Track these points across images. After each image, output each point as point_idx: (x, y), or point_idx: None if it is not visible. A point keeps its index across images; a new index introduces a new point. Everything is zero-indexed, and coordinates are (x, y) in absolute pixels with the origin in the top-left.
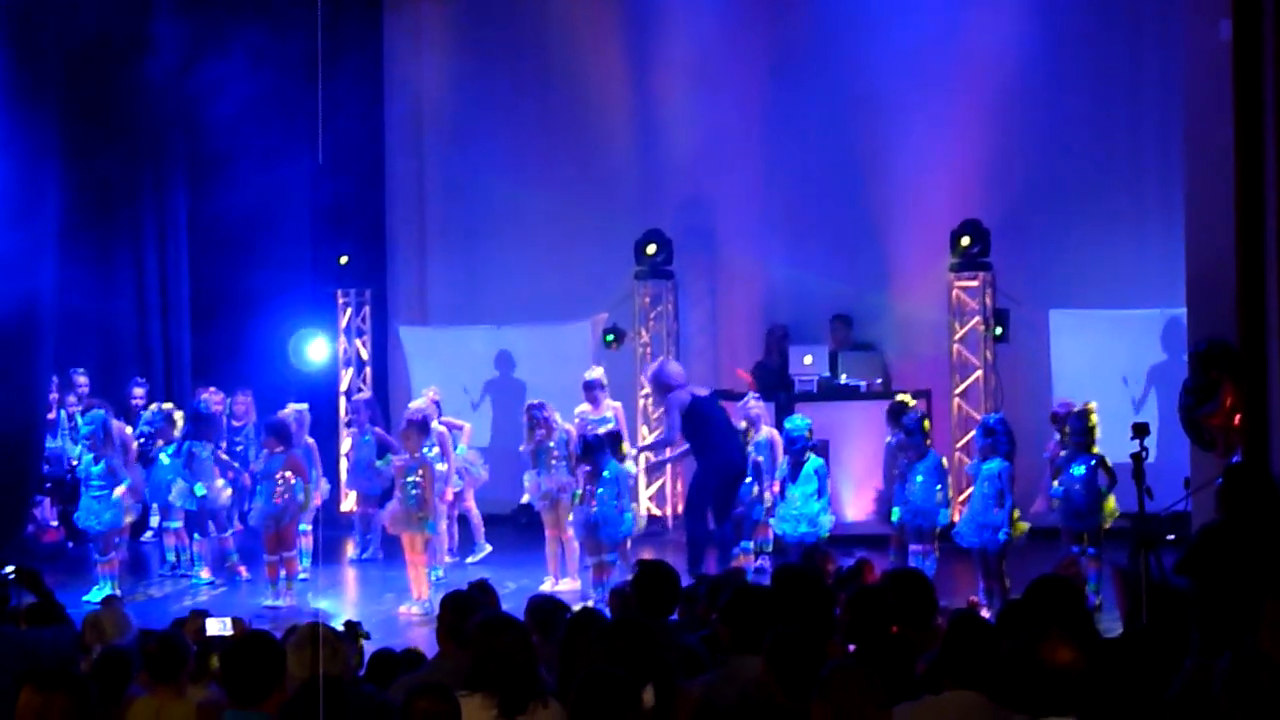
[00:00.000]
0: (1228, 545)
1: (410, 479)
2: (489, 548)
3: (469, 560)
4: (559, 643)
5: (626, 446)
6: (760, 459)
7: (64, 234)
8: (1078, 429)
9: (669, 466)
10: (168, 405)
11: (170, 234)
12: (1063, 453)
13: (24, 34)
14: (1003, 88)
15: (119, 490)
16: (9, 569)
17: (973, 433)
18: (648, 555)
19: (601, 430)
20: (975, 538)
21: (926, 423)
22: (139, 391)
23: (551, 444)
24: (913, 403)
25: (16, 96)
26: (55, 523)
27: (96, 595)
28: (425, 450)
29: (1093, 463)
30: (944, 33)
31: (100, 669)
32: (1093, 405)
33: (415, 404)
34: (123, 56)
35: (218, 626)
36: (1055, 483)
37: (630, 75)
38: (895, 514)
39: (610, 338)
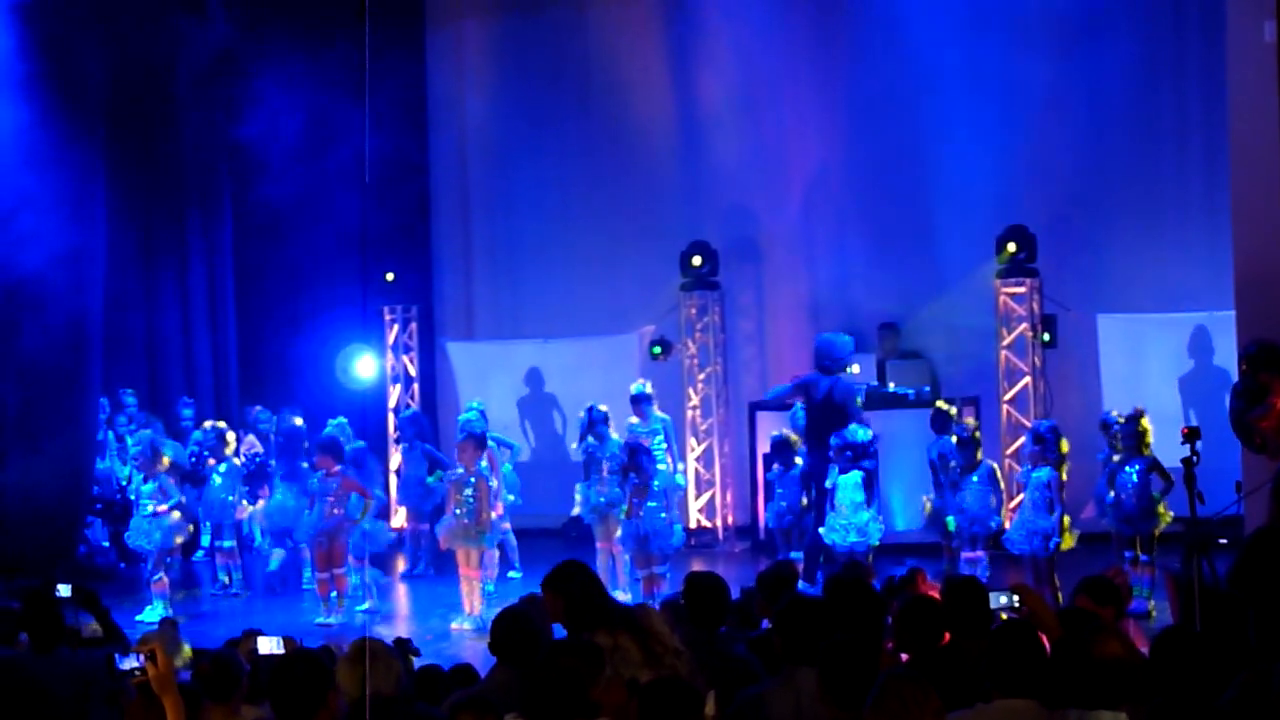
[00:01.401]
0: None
1: (466, 493)
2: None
3: (510, 574)
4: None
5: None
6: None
7: (111, 255)
8: (1129, 433)
9: (719, 477)
10: (220, 424)
11: (217, 254)
12: (1115, 458)
13: (69, 60)
14: (1046, 93)
15: (167, 509)
16: (65, 589)
17: (1022, 439)
18: (698, 567)
19: (650, 443)
20: (1026, 544)
21: (977, 431)
22: (187, 411)
23: (604, 457)
24: (953, 410)
25: (63, 121)
26: (106, 543)
27: (150, 615)
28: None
29: (1145, 467)
30: (986, 39)
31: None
32: (1143, 410)
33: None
34: (168, 80)
35: (270, 645)
36: (1110, 490)
37: (673, 87)
38: (951, 522)
39: (657, 350)
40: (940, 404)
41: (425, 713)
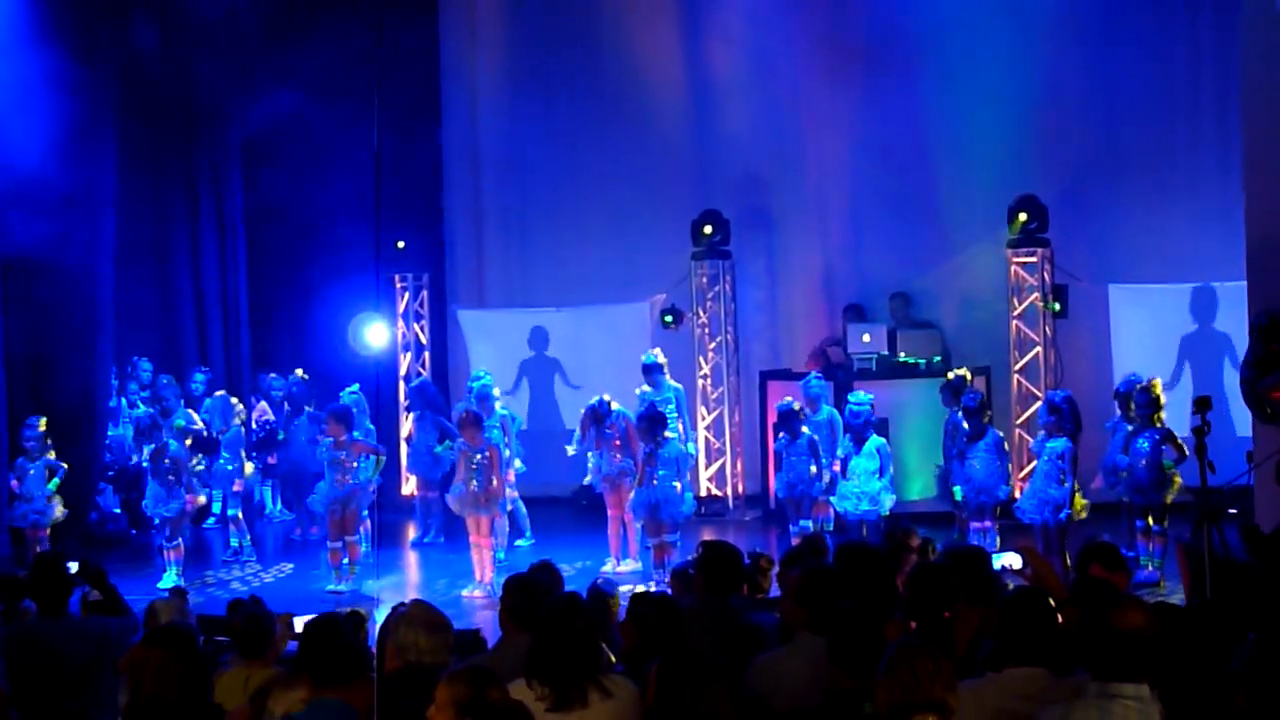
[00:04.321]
0: None
1: (476, 460)
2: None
3: (518, 543)
4: (629, 625)
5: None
6: (817, 437)
7: (122, 224)
8: (1142, 403)
9: (729, 446)
10: (228, 395)
11: (228, 223)
12: (1129, 428)
13: (82, 29)
14: (1058, 62)
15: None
16: (74, 565)
17: (1035, 408)
18: (708, 536)
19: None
20: (1037, 514)
21: (985, 400)
22: (199, 377)
23: (608, 430)
24: (968, 375)
25: (74, 90)
26: (118, 510)
27: (166, 582)
28: (488, 433)
29: (1157, 438)
30: (998, 9)
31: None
32: (1157, 380)
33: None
34: (180, 48)
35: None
36: (1123, 457)
37: (684, 56)
38: (958, 492)
39: (669, 318)
40: (959, 372)
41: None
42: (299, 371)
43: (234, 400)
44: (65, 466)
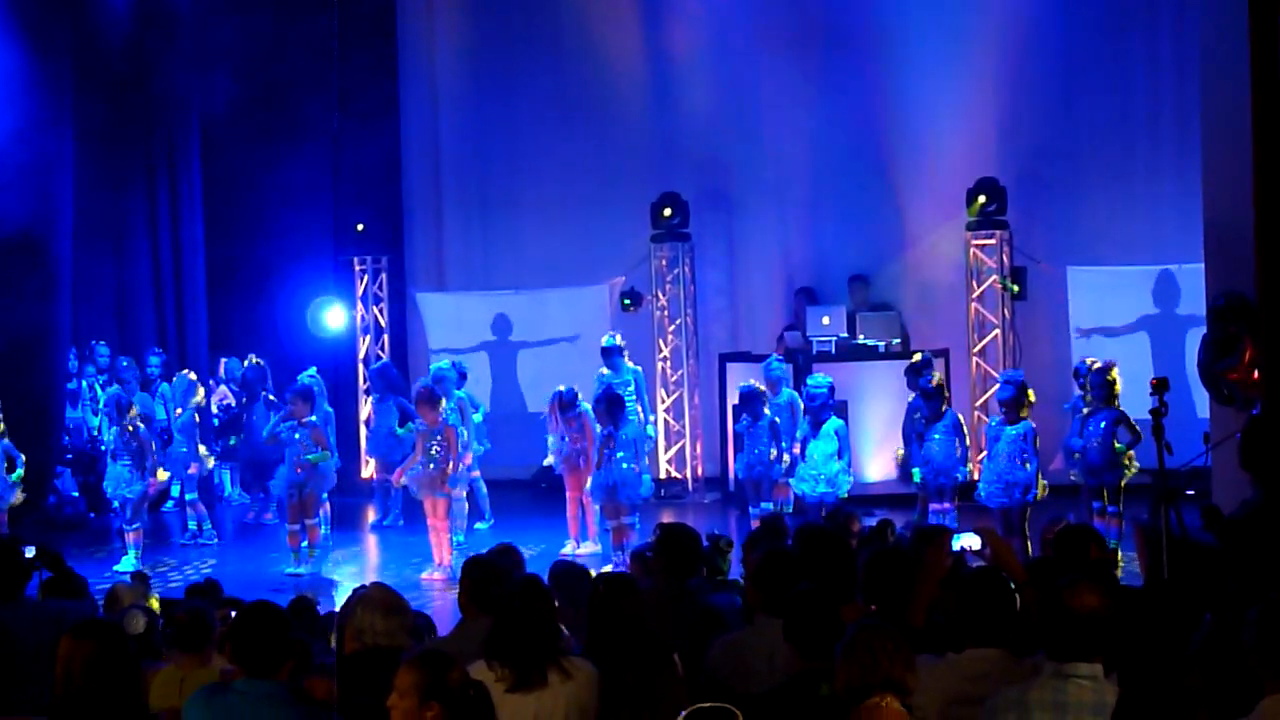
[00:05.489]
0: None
1: (433, 442)
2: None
3: (477, 525)
4: (588, 607)
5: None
6: (778, 420)
7: (79, 204)
8: (1098, 384)
9: (688, 429)
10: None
11: (185, 203)
12: (1084, 410)
13: (39, 6)
14: (1018, 45)
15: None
16: (31, 550)
17: (993, 390)
18: (667, 518)
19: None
20: (1004, 496)
21: (940, 380)
22: (154, 360)
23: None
24: (933, 358)
25: (30, 64)
26: (76, 493)
27: (125, 565)
28: (445, 416)
29: (1112, 419)
30: None
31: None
32: (1114, 363)
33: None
34: (138, 24)
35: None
36: (1079, 440)
37: (645, 38)
38: (916, 474)
39: (628, 301)
40: (920, 356)
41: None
42: (253, 357)
43: (193, 377)
44: (24, 457)
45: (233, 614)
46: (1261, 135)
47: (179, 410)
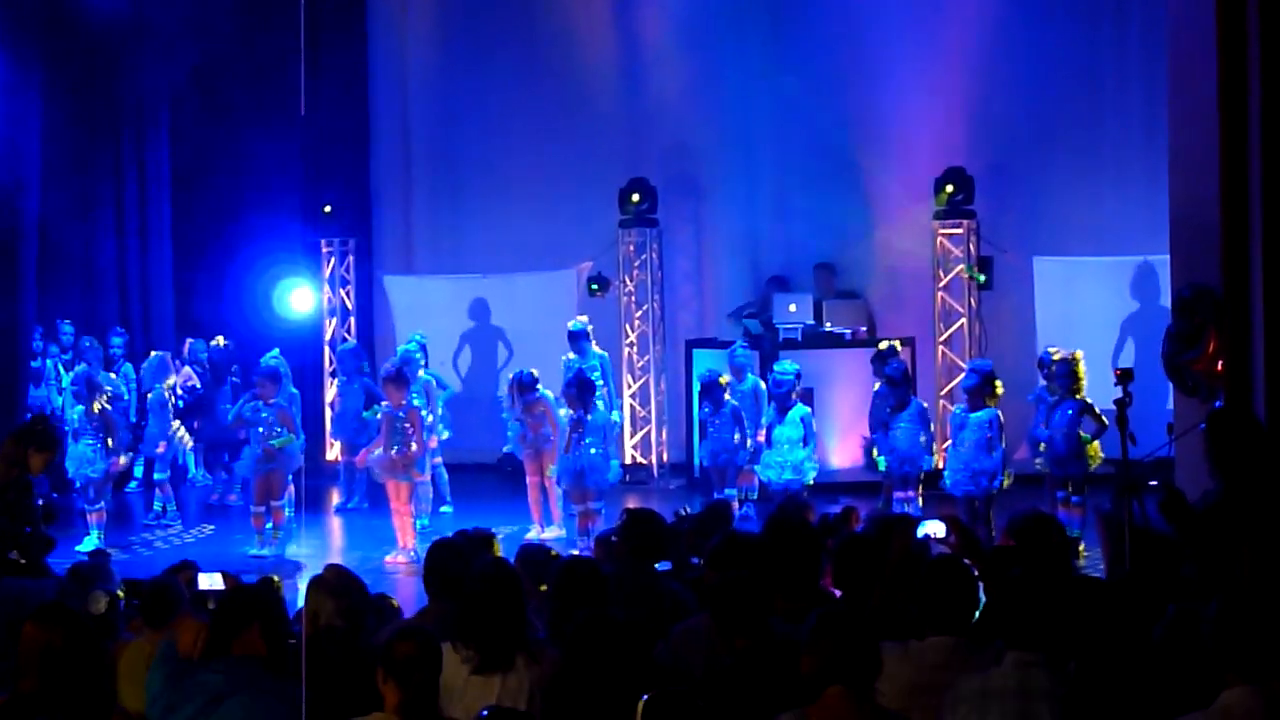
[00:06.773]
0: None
1: (397, 425)
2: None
3: (442, 509)
4: (553, 591)
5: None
6: (739, 406)
7: (45, 184)
8: (1063, 374)
9: (655, 414)
10: (165, 356)
11: (152, 183)
12: (1050, 400)
13: None
14: (986, 35)
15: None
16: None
17: (958, 379)
18: (633, 504)
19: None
20: (970, 485)
21: (906, 370)
22: (117, 340)
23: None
24: (900, 347)
25: None
26: None
27: (88, 545)
28: (411, 399)
29: (1077, 409)
30: None
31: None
32: (1079, 353)
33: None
34: (105, 10)
35: (207, 582)
36: (1044, 429)
37: (615, 24)
38: (881, 462)
39: (595, 286)
40: (886, 344)
41: (364, 646)
42: (220, 339)
43: (165, 356)
44: None
45: (197, 577)
46: (1229, 128)
47: (149, 393)
